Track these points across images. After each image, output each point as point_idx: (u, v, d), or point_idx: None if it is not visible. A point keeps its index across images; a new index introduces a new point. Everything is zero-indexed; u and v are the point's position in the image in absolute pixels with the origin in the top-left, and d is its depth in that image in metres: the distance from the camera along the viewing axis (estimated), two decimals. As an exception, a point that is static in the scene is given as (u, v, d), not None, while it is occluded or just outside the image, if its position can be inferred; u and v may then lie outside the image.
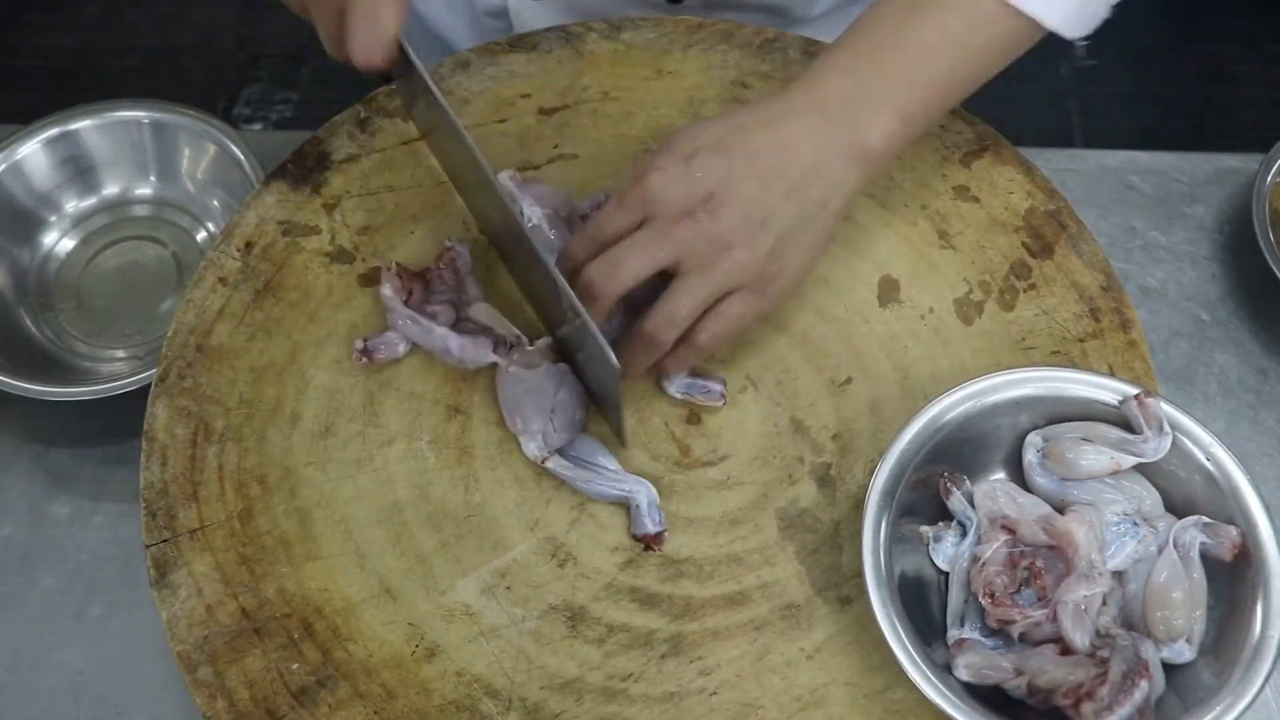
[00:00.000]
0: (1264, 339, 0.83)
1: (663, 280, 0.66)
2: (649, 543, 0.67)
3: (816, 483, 0.69)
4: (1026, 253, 0.75)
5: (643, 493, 0.68)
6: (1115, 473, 0.64)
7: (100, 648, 0.73)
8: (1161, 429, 0.63)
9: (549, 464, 0.68)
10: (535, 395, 0.68)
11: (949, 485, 0.65)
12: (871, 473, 0.64)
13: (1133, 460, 0.63)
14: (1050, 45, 0.70)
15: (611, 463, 0.69)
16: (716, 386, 0.71)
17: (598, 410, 0.70)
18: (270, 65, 1.90)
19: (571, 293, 0.62)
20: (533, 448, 0.68)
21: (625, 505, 0.68)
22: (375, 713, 0.63)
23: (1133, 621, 0.62)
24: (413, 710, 0.63)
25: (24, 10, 1.98)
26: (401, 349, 0.71)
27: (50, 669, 0.72)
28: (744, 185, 0.64)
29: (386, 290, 0.71)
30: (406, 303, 0.71)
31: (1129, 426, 0.65)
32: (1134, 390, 0.65)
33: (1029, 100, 1.85)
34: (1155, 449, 0.63)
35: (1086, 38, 0.69)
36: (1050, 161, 0.81)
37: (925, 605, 0.64)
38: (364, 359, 0.71)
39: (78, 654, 0.73)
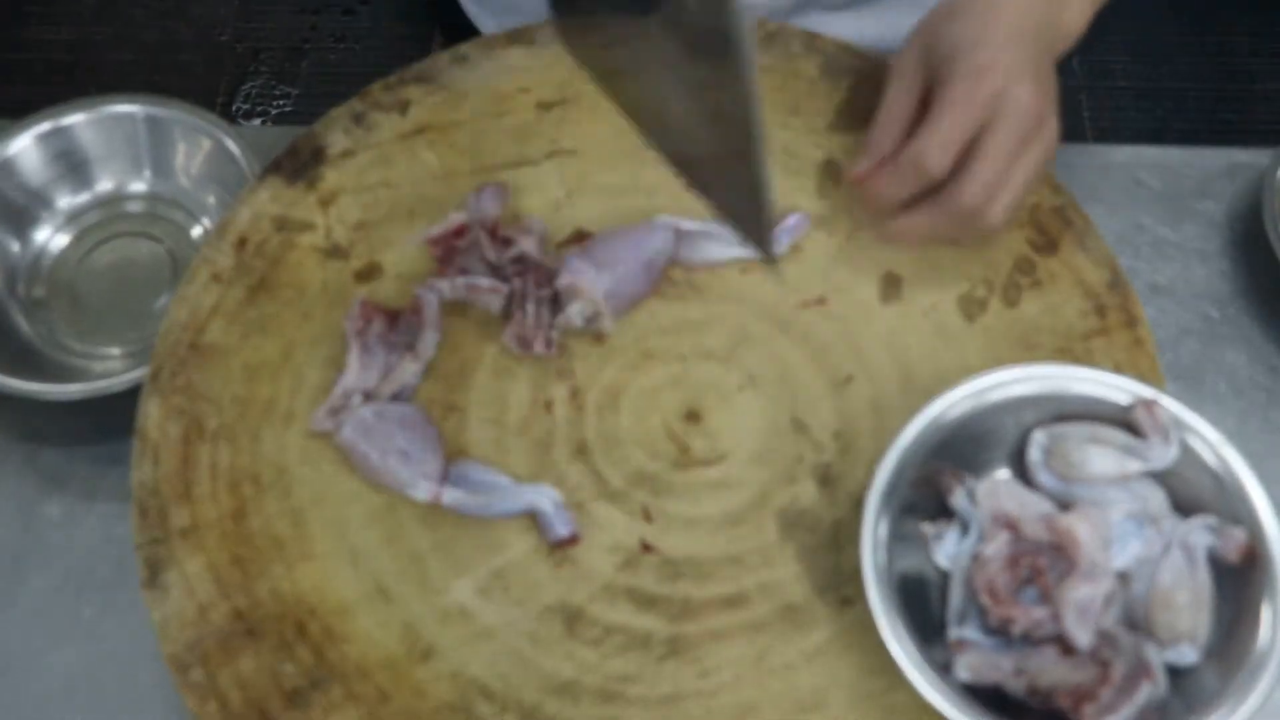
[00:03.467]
0: (1275, 336, 0.82)
1: None
2: (564, 545, 0.66)
3: (817, 482, 0.68)
4: (1031, 249, 0.74)
5: (545, 500, 0.67)
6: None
7: (93, 649, 0.72)
8: (1169, 437, 0.62)
9: (445, 499, 0.66)
10: (384, 441, 0.67)
11: (951, 482, 0.64)
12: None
13: (1140, 466, 0.62)
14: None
15: (501, 477, 0.68)
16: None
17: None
18: (270, 60, 1.90)
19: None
20: (421, 488, 0.66)
21: (622, 509, 0.67)
22: (369, 714, 0.63)
23: (1136, 623, 0.61)
24: (407, 712, 0.63)
25: (23, 2, 1.98)
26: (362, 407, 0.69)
27: (42, 671, 0.72)
28: (1045, 65, 0.68)
29: (346, 324, 0.70)
30: (363, 330, 0.70)
31: (1136, 429, 0.64)
32: (1140, 388, 0.64)
33: (1039, 95, 1.84)
34: (1162, 456, 0.62)
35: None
36: (1057, 156, 0.80)
37: (926, 604, 0.63)
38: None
39: (70, 656, 0.72)
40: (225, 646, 0.64)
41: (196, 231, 0.86)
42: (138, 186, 0.87)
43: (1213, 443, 0.63)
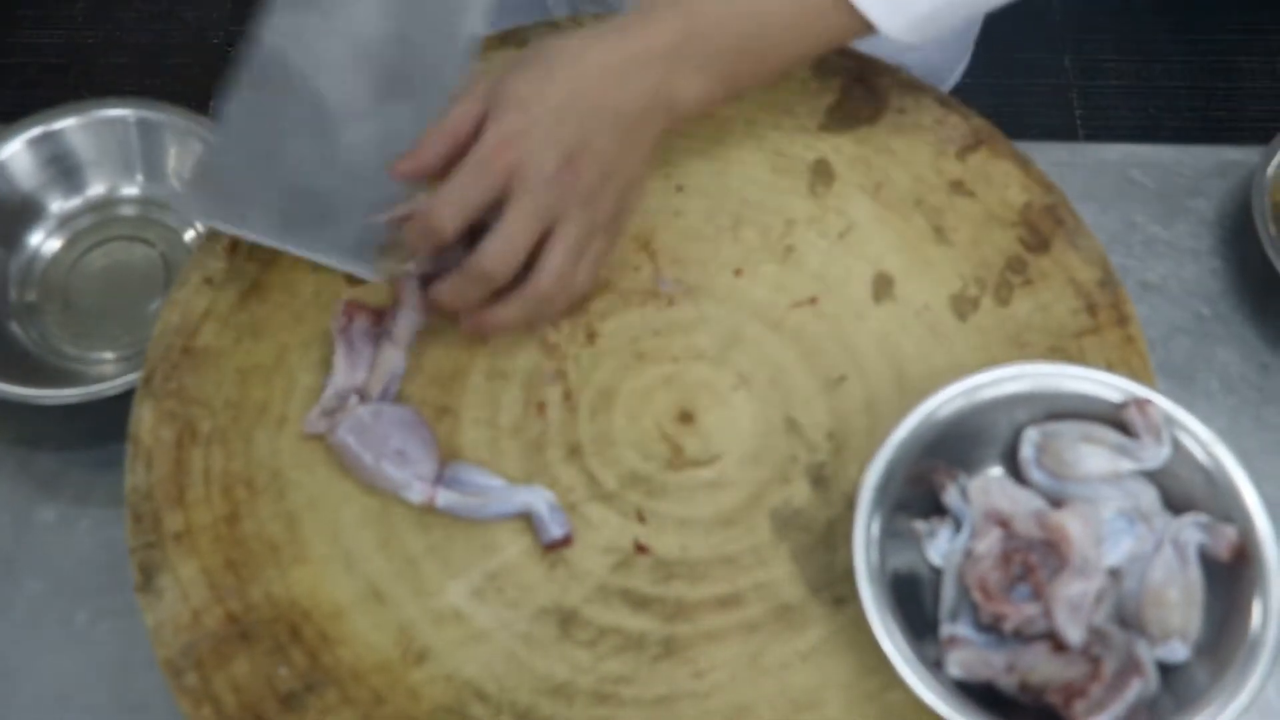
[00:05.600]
0: (1266, 334, 0.82)
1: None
2: (557, 547, 0.66)
3: (810, 482, 0.68)
4: (1023, 248, 0.74)
5: (539, 500, 0.67)
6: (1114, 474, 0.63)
7: (87, 654, 0.72)
8: (1161, 437, 0.62)
9: (439, 501, 0.66)
10: (380, 442, 0.67)
11: (944, 479, 0.64)
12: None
13: (1132, 465, 0.63)
14: (1051, 38, 0.70)
15: (495, 479, 0.68)
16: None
17: None
18: (263, 63, 1.89)
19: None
20: (416, 490, 0.66)
21: (615, 510, 0.67)
22: (364, 717, 0.62)
23: (1128, 620, 0.61)
24: (402, 715, 0.63)
25: (15, 6, 1.98)
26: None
27: (36, 676, 0.72)
28: (600, 140, 0.66)
29: (330, 323, 0.71)
30: (346, 328, 0.70)
31: (1128, 428, 0.64)
32: (1132, 387, 0.64)
33: (1031, 93, 1.85)
34: (1154, 456, 0.62)
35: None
36: (1048, 155, 0.80)
37: (919, 601, 0.64)
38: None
39: (64, 661, 0.72)
40: (219, 650, 0.64)
41: (189, 235, 0.86)
42: (130, 190, 0.87)
43: (1204, 440, 0.63)
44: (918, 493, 0.65)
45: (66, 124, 0.85)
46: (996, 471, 0.66)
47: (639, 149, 0.69)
